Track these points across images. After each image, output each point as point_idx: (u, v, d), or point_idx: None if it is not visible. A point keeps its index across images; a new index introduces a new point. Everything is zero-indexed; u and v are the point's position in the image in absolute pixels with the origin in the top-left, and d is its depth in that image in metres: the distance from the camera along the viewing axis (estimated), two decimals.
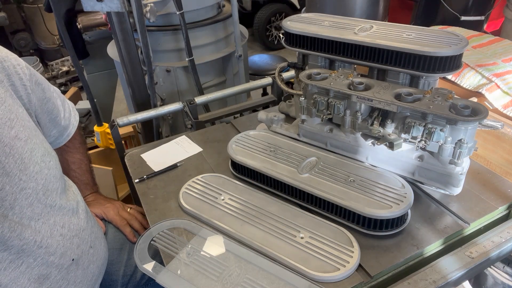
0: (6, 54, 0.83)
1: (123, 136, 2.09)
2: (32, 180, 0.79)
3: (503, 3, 2.57)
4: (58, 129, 1.04)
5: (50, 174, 0.84)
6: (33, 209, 0.80)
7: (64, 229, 0.87)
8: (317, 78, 1.04)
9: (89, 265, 0.94)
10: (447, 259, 0.85)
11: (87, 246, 0.94)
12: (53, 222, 0.85)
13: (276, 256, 0.83)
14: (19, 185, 0.76)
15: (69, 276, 0.88)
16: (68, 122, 1.07)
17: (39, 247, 0.80)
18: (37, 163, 0.81)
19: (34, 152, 0.81)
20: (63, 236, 0.86)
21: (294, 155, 1.05)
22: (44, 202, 0.82)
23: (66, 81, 4.22)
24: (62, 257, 0.85)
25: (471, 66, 1.27)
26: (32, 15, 4.32)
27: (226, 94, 1.53)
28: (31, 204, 0.79)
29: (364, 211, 0.86)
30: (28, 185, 0.78)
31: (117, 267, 1.11)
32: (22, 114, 0.81)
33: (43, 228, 0.82)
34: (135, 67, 1.67)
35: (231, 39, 2.07)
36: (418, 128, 0.90)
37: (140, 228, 1.15)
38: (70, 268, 0.88)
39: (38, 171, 0.81)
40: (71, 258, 0.88)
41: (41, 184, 0.81)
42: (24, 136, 0.79)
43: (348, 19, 1.14)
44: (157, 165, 1.18)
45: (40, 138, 0.86)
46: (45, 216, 0.83)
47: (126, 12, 1.50)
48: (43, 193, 0.82)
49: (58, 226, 0.86)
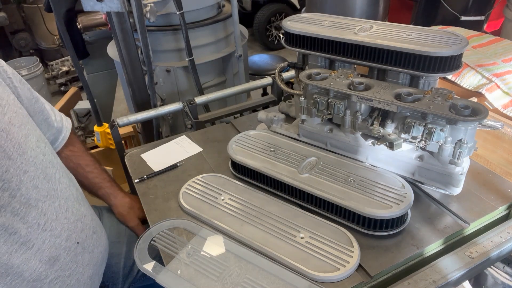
0: None
1: (123, 136, 2.10)
2: (31, 164, 0.80)
3: (503, 3, 2.57)
4: (52, 132, 1.04)
5: (45, 160, 0.85)
6: (39, 191, 0.81)
7: (68, 213, 0.89)
8: (317, 78, 1.04)
9: (94, 249, 0.96)
10: (447, 259, 0.85)
11: (90, 231, 0.96)
12: (58, 205, 0.86)
13: (276, 256, 0.83)
14: (22, 168, 0.77)
15: (77, 259, 0.90)
16: (61, 125, 1.07)
17: (43, 230, 0.81)
18: (32, 148, 0.81)
19: (29, 138, 0.81)
20: (67, 219, 0.88)
21: (294, 155, 1.05)
22: (46, 185, 0.83)
23: (66, 81, 4.22)
24: (67, 240, 0.87)
25: (471, 66, 1.27)
26: (32, 15, 4.32)
27: (226, 94, 1.53)
28: (36, 186, 0.80)
29: (364, 211, 0.86)
30: (29, 168, 0.79)
31: (117, 259, 1.12)
32: (13, 101, 0.81)
33: (49, 210, 0.83)
34: (135, 67, 1.67)
35: (231, 39, 2.07)
36: (418, 128, 0.90)
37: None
38: (77, 250, 0.90)
39: (35, 156, 0.81)
40: (76, 241, 0.90)
41: (40, 169, 0.82)
42: (17, 122, 0.79)
43: (348, 19, 1.14)
44: (157, 165, 1.18)
45: (33, 124, 0.87)
46: (51, 198, 0.84)
47: (126, 12, 1.50)
48: (44, 176, 0.83)
49: (63, 210, 0.87)
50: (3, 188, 0.74)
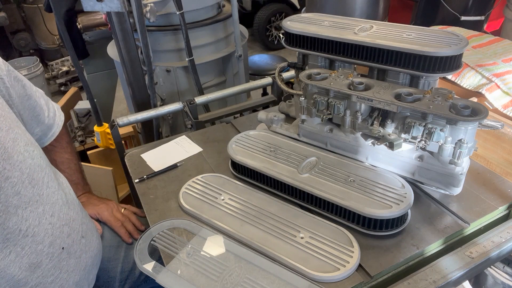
0: None
1: (123, 136, 2.09)
2: (16, 169, 0.78)
3: (503, 3, 2.57)
4: (42, 128, 1.03)
5: (34, 164, 0.84)
6: (20, 198, 0.79)
7: (54, 218, 0.87)
8: (317, 78, 1.04)
9: (81, 254, 0.94)
10: (447, 259, 0.85)
11: (78, 235, 0.94)
12: (42, 211, 0.84)
13: (276, 256, 0.83)
14: (3, 174, 0.75)
15: (61, 265, 0.88)
16: (52, 122, 1.07)
17: (24, 236, 0.80)
18: (20, 152, 0.80)
19: (17, 142, 0.80)
20: (52, 225, 0.86)
21: (294, 155, 1.05)
22: (31, 191, 0.81)
23: (66, 81, 4.22)
24: (51, 245, 0.85)
25: (471, 66, 1.27)
26: (32, 15, 4.32)
27: (226, 94, 1.53)
28: (17, 193, 0.78)
29: (364, 211, 0.86)
30: (13, 174, 0.77)
31: (114, 264, 1.12)
32: (1, 105, 0.80)
33: (31, 216, 0.81)
34: (135, 67, 1.67)
35: (231, 39, 2.07)
36: (418, 128, 0.90)
37: (133, 230, 1.15)
38: (61, 256, 0.88)
39: (22, 161, 0.80)
40: (60, 247, 0.87)
41: (26, 173, 0.80)
42: (5, 126, 0.78)
43: (348, 19, 1.14)
44: (157, 165, 1.18)
45: (22, 128, 0.86)
46: (33, 204, 0.82)
47: (126, 12, 1.50)
48: (29, 181, 0.81)
49: (47, 215, 0.85)
50: None
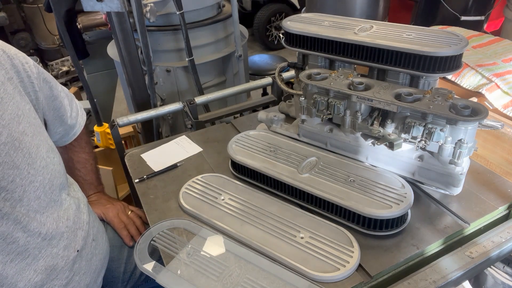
0: (15, 52, 0.85)
1: (123, 136, 2.09)
2: (39, 174, 0.81)
3: (503, 3, 2.57)
4: (64, 127, 1.05)
5: (55, 170, 0.86)
6: (40, 203, 0.81)
7: (69, 222, 0.89)
8: (317, 78, 1.04)
9: (92, 257, 0.96)
10: (447, 259, 0.85)
11: (90, 238, 0.96)
12: (57, 216, 0.86)
13: (276, 256, 0.83)
14: (28, 178, 0.78)
15: (74, 267, 0.90)
16: (75, 121, 1.09)
17: (43, 239, 0.82)
18: (43, 158, 0.83)
19: (40, 147, 0.83)
20: (68, 228, 0.89)
21: (294, 155, 1.05)
22: (49, 196, 0.84)
23: (66, 81, 4.21)
24: (66, 249, 0.87)
25: (471, 66, 1.27)
26: (32, 15, 4.31)
27: (226, 94, 1.53)
28: (38, 197, 0.81)
29: (364, 211, 0.86)
30: (36, 178, 0.80)
31: (118, 264, 1.12)
32: (29, 111, 0.83)
33: (48, 221, 0.83)
34: (135, 67, 1.67)
35: (231, 39, 2.07)
36: (418, 128, 0.90)
37: (136, 233, 1.15)
38: (75, 259, 0.90)
39: (44, 166, 0.83)
40: (75, 250, 0.90)
41: (47, 179, 0.83)
42: (30, 132, 0.81)
43: (348, 19, 1.14)
44: (157, 165, 1.18)
45: (45, 135, 0.88)
46: (49, 210, 0.84)
47: (126, 12, 1.50)
48: (49, 187, 0.84)
49: (63, 219, 0.88)
50: (5, 198, 0.74)
